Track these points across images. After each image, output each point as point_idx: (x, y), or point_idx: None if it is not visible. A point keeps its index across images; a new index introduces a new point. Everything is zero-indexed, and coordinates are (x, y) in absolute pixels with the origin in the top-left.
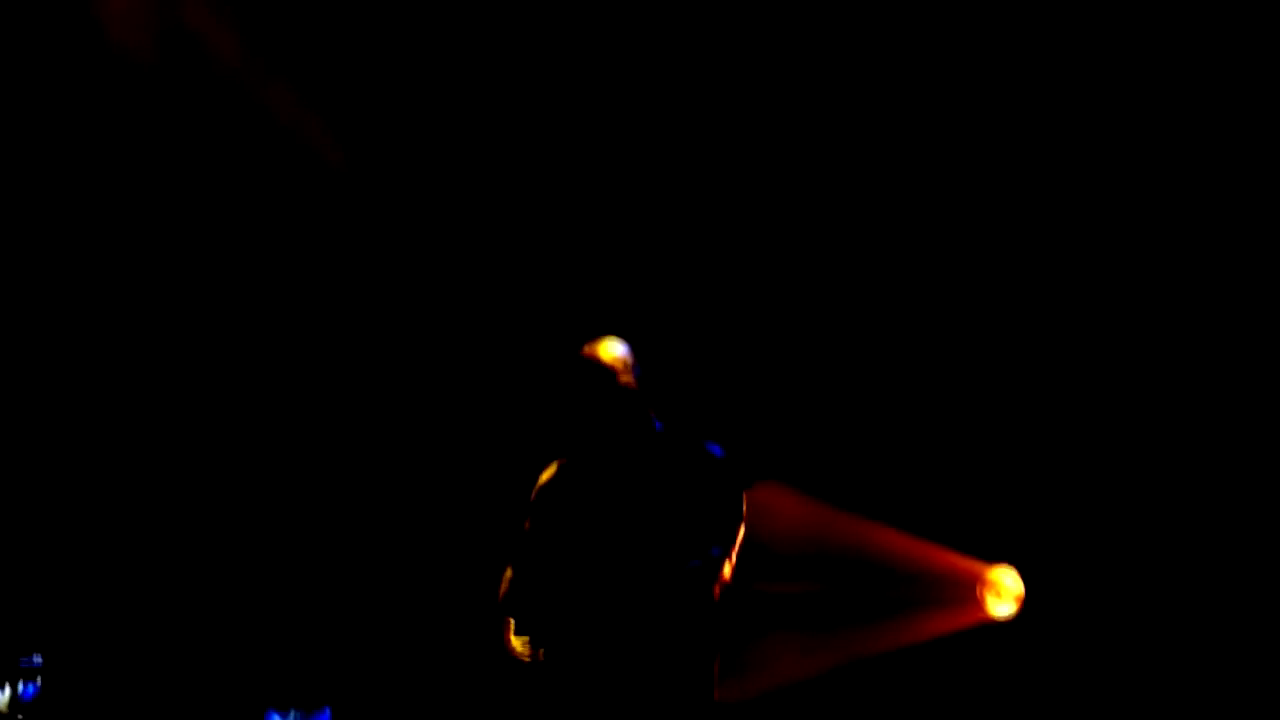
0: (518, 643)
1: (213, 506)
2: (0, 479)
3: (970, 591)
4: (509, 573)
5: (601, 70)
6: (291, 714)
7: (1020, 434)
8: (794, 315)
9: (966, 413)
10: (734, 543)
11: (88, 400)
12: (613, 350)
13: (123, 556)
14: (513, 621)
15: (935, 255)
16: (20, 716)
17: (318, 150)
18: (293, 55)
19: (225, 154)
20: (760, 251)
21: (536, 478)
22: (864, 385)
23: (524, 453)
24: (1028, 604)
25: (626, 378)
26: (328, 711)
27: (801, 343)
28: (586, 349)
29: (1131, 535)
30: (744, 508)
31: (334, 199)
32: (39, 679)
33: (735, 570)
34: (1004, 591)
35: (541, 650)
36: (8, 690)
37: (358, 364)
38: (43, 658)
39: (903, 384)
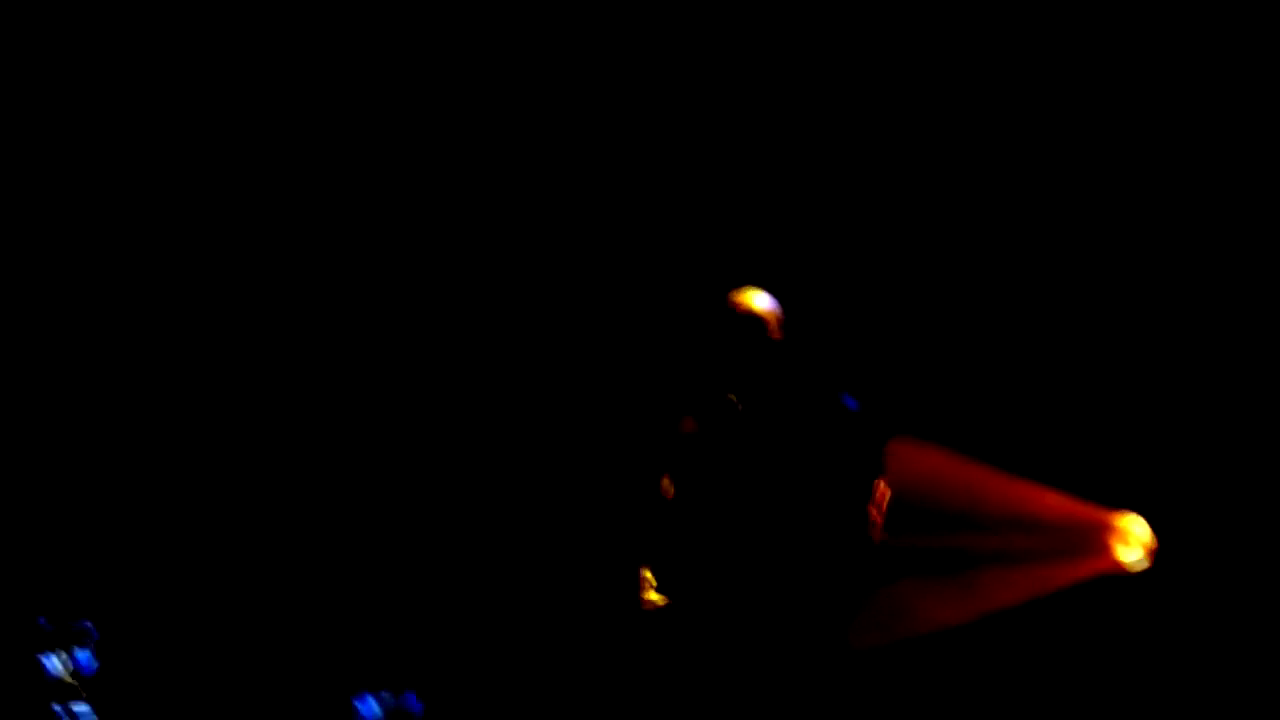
0: (654, 596)
1: (300, 475)
2: (72, 451)
3: (1099, 540)
4: (647, 527)
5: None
6: (382, 695)
7: (1151, 381)
8: (920, 267)
9: (1093, 361)
10: (872, 495)
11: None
12: (762, 303)
13: (212, 525)
14: (649, 574)
15: (1054, 213)
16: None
17: None
18: None
19: None
20: (892, 206)
21: (674, 432)
22: (988, 335)
23: (662, 407)
24: (1158, 553)
25: (776, 332)
26: (413, 696)
27: (925, 296)
28: (734, 299)
29: (1265, 483)
30: (883, 461)
31: None
32: (93, 646)
33: (879, 522)
34: (1133, 540)
35: (669, 601)
36: (64, 656)
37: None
38: (93, 623)
39: (1026, 333)
